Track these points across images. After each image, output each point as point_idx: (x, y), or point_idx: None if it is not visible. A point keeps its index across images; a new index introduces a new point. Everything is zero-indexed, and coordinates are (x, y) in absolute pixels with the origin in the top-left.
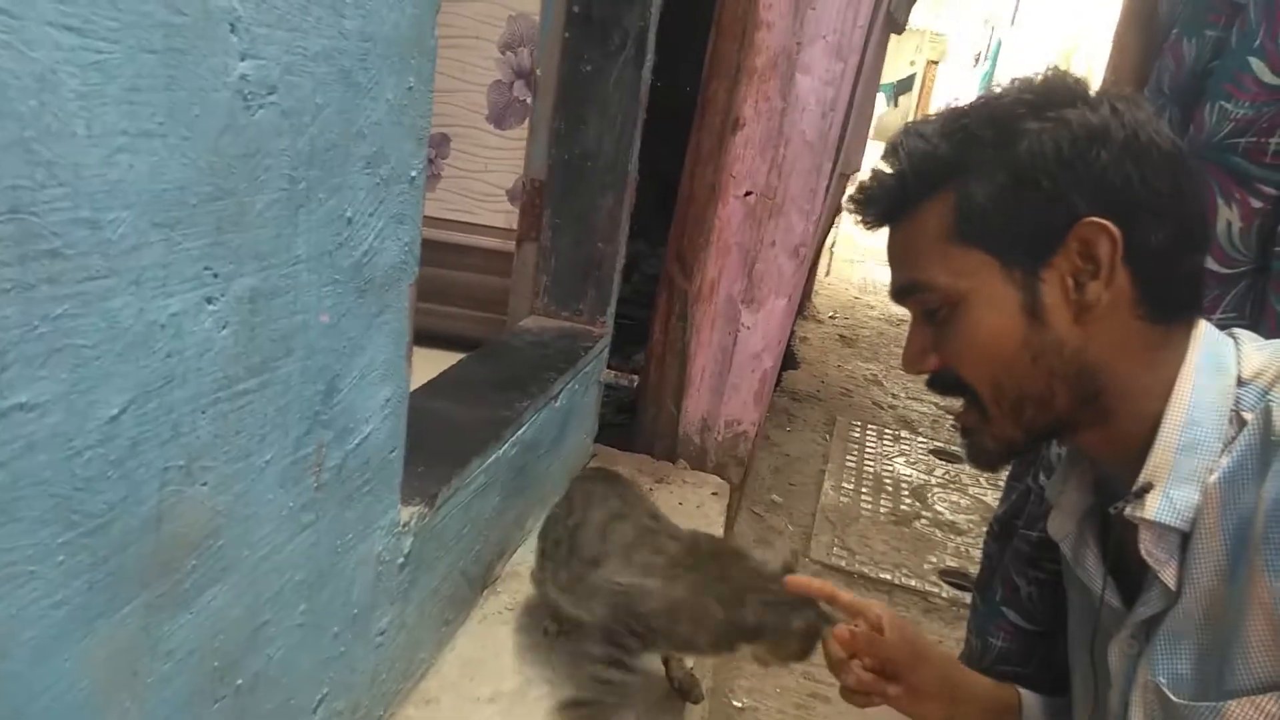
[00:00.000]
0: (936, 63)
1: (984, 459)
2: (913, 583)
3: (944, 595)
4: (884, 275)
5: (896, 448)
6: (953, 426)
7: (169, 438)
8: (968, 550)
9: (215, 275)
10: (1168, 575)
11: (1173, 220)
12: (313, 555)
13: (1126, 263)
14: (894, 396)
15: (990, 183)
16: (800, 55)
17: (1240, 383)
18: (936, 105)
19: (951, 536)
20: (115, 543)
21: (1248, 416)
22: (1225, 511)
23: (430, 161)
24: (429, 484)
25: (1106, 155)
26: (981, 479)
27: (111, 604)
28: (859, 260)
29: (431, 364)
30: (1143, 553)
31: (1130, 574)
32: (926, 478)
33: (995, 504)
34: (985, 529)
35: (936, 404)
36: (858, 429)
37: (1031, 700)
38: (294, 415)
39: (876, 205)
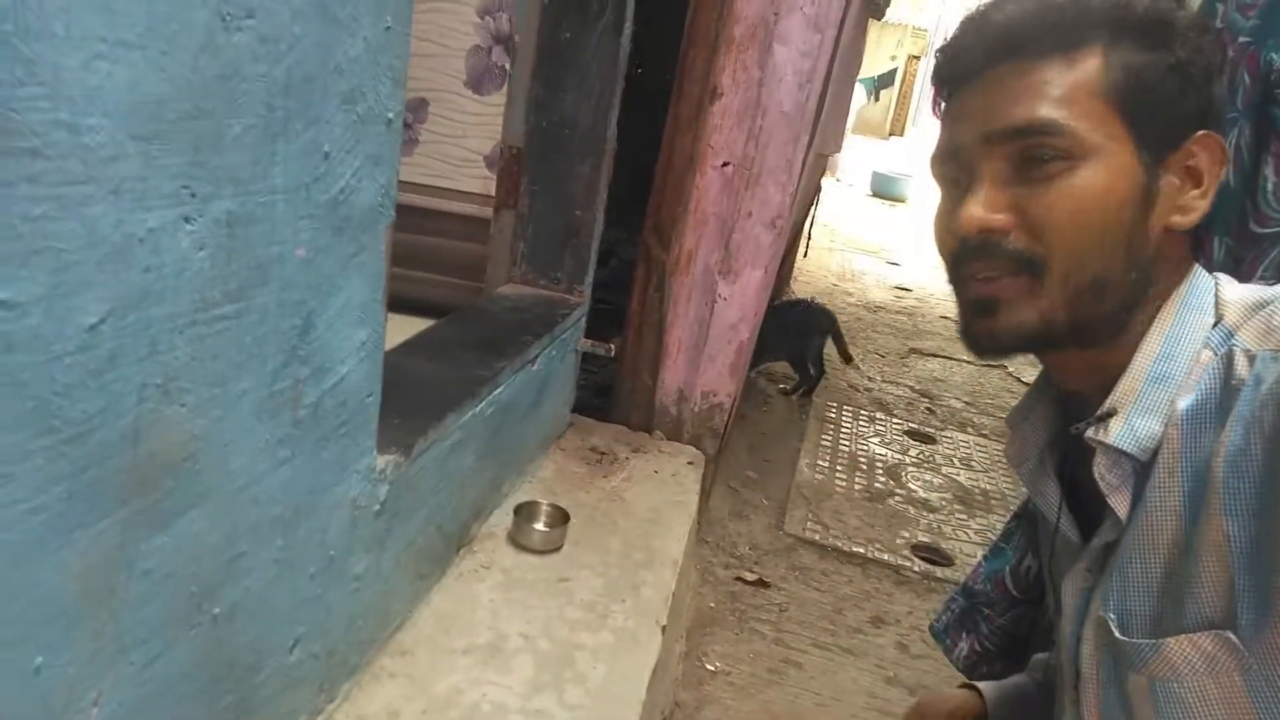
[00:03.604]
0: (918, 58)
1: (1004, 335)
2: (885, 556)
3: (916, 569)
4: (861, 263)
5: (872, 428)
6: (928, 410)
7: (147, 354)
8: (939, 527)
9: (193, 195)
10: (1117, 501)
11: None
12: (290, 491)
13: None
14: (870, 380)
15: (1149, 59)
16: (778, 25)
17: (1215, 324)
18: (917, 100)
19: (924, 513)
20: (93, 454)
21: (1211, 358)
22: (1185, 451)
23: (408, 126)
24: (405, 435)
25: (1219, 82)
26: (955, 459)
27: (89, 516)
28: (838, 249)
29: (406, 329)
30: (1095, 474)
31: (1089, 510)
32: (901, 457)
33: (968, 483)
34: (958, 506)
35: (911, 387)
36: (834, 410)
37: (991, 692)
38: (271, 347)
39: (1025, 29)
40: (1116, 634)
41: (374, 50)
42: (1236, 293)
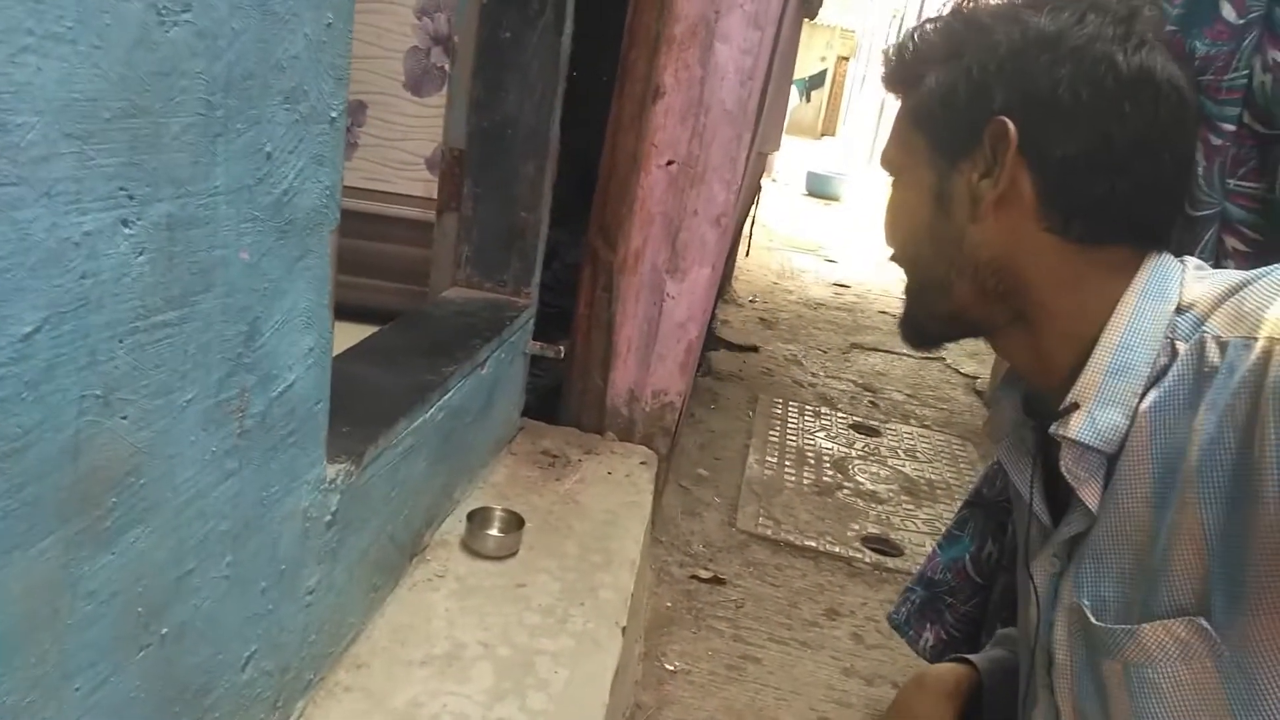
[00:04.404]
0: (847, 58)
1: (905, 335)
2: (837, 549)
3: (867, 560)
4: (800, 261)
5: (817, 423)
6: (871, 403)
7: (85, 364)
8: (888, 518)
9: (131, 197)
10: (1086, 494)
11: (1092, 135)
12: (238, 504)
13: (1029, 168)
14: (813, 375)
15: (948, 75)
16: (719, 23)
17: (1179, 311)
18: (848, 101)
19: (873, 505)
20: (31, 470)
21: (1180, 346)
22: (1154, 439)
23: (347, 130)
24: (355, 443)
25: (1045, 59)
26: (900, 451)
27: (28, 536)
28: (776, 248)
29: (350, 337)
30: (1062, 469)
31: (1061, 495)
32: (847, 450)
33: (914, 474)
34: (905, 497)
35: (854, 382)
36: (779, 406)
37: (984, 665)
38: (215, 355)
39: (888, 80)
40: (1092, 620)
41: (315, 47)
42: (1206, 279)
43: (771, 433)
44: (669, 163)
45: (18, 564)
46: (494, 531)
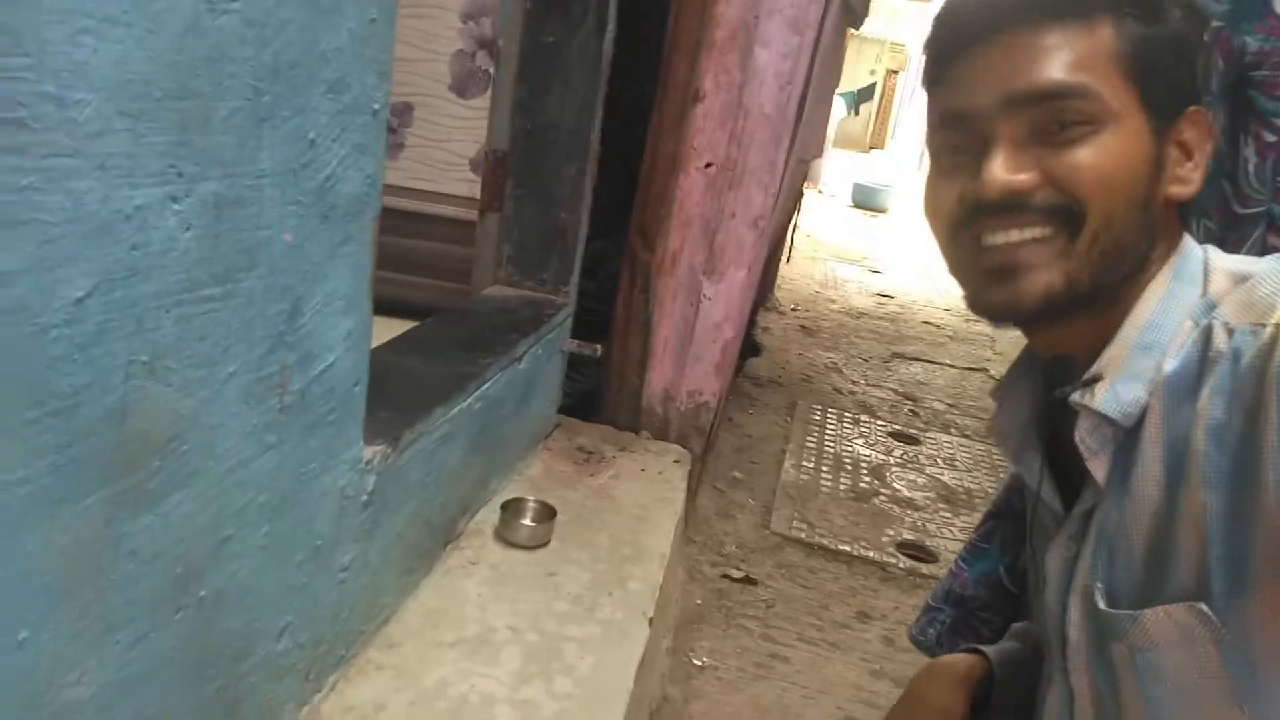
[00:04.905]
0: (896, 72)
1: (1026, 299)
2: (871, 554)
3: (901, 566)
4: (844, 271)
5: (856, 430)
6: (911, 412)
7: (134, 330)
8: (924, 525)
9: (180, 175)
10: (1095, 466)
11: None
12: (276, 477)
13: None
14: (854, 383)
15: (1150, 31)
16: (759, 28)
17: (1202, 295)
18: (897, 114)
19: (909, 512)
20: (80, 428)
21: (1190, 328)
22: (1166, 423)
23: (393, 131)
24: (392, 427)
25: (1198, 59)
26: (939, 459)
27: (75, 491)
28: (820, 258)
29: (393, 331)
30: (1077, 438)
31: (1072, 482)
32: (885, 458)
33: (952, 482)
34: (943, 504)
35: (894, 390)
36: (818, 412)
37: (995, 655)
38: (257, 331)
39: None
40: (1100, 604)
41: (359, 40)
42: (1223, 264)
43: (809, 438)
44: (708, 165)
45: (65, 518)
46: (527, 522)
